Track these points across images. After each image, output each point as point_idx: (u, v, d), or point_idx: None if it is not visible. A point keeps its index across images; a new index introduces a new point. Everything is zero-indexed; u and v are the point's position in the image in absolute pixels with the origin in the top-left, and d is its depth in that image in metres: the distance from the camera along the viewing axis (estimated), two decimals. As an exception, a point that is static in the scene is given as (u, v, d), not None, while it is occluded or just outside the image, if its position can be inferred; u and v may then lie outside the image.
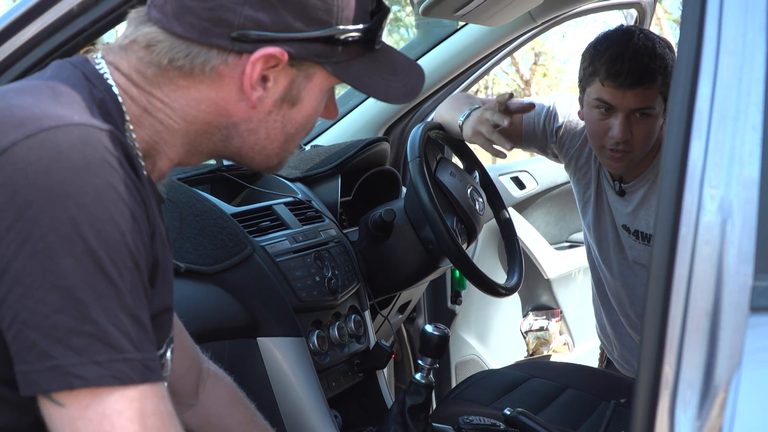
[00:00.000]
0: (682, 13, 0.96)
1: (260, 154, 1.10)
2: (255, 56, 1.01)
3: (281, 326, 1.77)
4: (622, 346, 2.38)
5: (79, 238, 0.87)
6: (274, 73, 1.03)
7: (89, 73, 1.02)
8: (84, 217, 0.87)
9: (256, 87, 1.03)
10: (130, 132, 1.03)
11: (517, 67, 13.10)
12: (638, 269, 2.19)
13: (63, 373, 0.86)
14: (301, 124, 1.09)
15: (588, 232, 2.29)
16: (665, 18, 11.48)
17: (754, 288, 0.88)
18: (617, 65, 1.92)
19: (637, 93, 1.92)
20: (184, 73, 1.02)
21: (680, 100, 0.93)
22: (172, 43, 1.01)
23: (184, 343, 1.33)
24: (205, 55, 1.01)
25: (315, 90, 1.07)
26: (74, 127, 0.91)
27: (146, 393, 0.90)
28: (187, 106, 1.04)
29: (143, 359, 0.90)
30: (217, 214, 1.81)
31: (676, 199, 0.91)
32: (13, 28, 1.38)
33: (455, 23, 2.66)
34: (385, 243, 2.07)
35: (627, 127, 1.95)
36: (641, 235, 2.12)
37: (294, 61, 1.03)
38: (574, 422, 1.99)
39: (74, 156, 0.89)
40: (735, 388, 0.86)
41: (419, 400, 1.66)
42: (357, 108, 2.72)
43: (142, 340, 0.90)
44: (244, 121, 1.06)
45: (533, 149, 2.31)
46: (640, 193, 2.10)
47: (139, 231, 0.92)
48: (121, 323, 0.88)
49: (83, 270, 0.87)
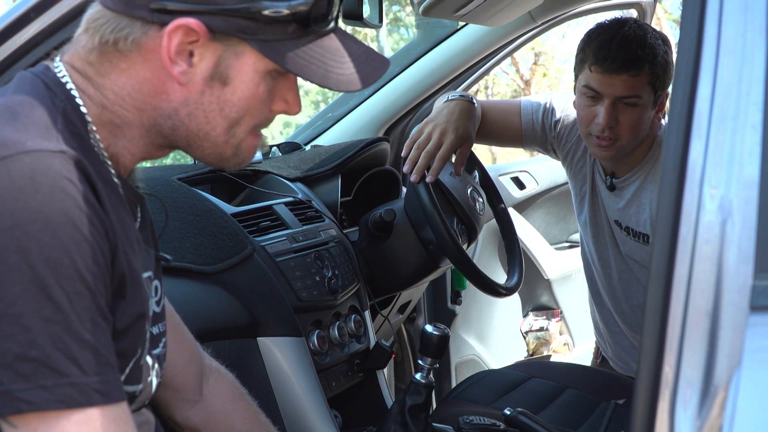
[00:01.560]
0: (682, 13, 0.96)
1: (206, 141, 1.08)
2: (170, 27, 1.00)
3: (281, 326, 1.77)
4: (615, 344, 2.39)
5: (27, 267, 0.89)
6: (198, 48, 1.02)
7: (50, 81, 1.03)
8: (32, 246, 0.90)
9: (176, 61, 1.02)
10: (93, 133, 1.04)
11: (517, 67, 13.10)
12: (632, 263, 2.20)
13: (11, 398, 0.89)
14: (240, 107, 1.06)
15: (584, 228, 2.30)
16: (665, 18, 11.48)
17: (754, 287, 0.88)
18: (604, 51, 1.94)
19: (623, 79, 1.94)
20: (118, 51, 1.03)
21: (680, 100, 0.93)
22: (105, 18, 1.02)
23: (182, 336, 1.34)
24: (129, 28, 1.02)
25: (247, 69, 1.04)
26: (25, 155, 0.92)
27: (94, 416, 0.92)
28: (134, 91, 1.04)
29: (91, 383, 0.92)
30: (218, 214, 1.81)
31: (676, 199, 0.91)
32: (13, 28, 1.38)
33: (455, 23, 2.66)
34: (386, 243, 2.07)
35: (612, 115, 1.96)
36: (632, 231, 2.13)
37: (216, 35, 1.01)
38: (574, 422, 1.99)
39: (25, 185, 0.91)
40: (735, 387, 0.86)
41: (419, 400, 1.66)
42: (357, 108, 2.72)
43: (92, 364, 0.92)
44: (182, 105, 1.05)
45: (535, 147, 2.32)
46: (632, 189, 2.11)
47: (93, 254, 0.93)
48: (67, 348, 0.90)
49: (31, 298, 0.89)
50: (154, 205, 1.31)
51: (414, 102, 2.71)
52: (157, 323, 1.15)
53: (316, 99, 13.12)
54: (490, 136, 2.27)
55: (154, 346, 1.14)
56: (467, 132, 2.02)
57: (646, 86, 1.96)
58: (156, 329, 1.15)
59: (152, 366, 1.13)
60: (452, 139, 1.98)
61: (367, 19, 1.77)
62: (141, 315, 1.05)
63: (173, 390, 1.33)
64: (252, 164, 2.16)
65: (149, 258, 1.15)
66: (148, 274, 1.12)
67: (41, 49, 1.39)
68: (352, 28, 1.10)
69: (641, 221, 2.10)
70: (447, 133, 1.98)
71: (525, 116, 2.24)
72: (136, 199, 1.12)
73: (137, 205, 1.13)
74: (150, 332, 1.11)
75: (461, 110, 2.04)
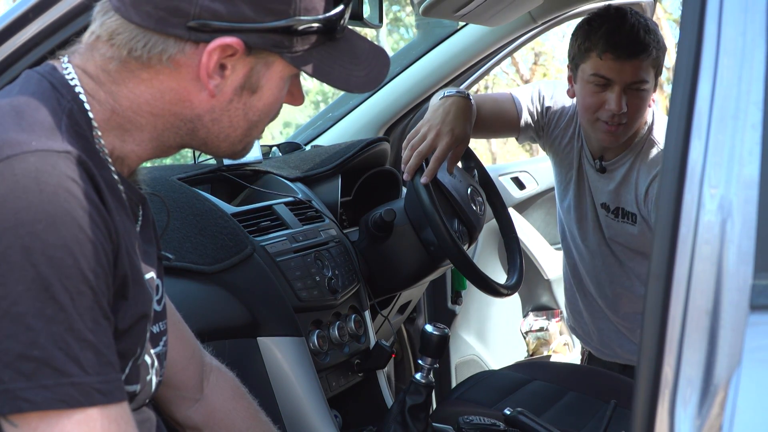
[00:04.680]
0: (682, 13, 0.96)
1: (225, 142, 1.11)
2: (211, 46, 1.01)
3: (281, 326, 1.77)
4: (599, 332, 2.41)
5: (31, 266, 0.89)
6: (231, 61, 1.04)
7: (57, 81, 1.04)
8: (36, 245, 0.90)
9: (213, 76, 1.04)
10: (98, 138, 1.04)
11: (517, 67, 13.10)
12: (615, 247, 2.24)
13: (12, 397, 0.89)
14: (263, 112, 1.10)
15: (567, 214, 2.32)
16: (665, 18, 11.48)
17: (753, 287, 0.88)
18: (615, 37, 1.99)
19: (634, 65, 1.99)
20: (143, 63, 1.03)
21: (680, 99, 0.93)
22: (131, 33, 1.02)
23: (183, 335, 1.34)
24: (162, 45, 1.02)
25: (275, 77, 1.08)
26: (30, 154, 0.93)
27: (94, 416, 0.92)
28: (152, 99, 1.05)
29: (93, 383, 0.92)
30: (218, 214, 1.81)
31: (676, 199, 0.91)
32: (13, 28, 1.38)
33: (455, 23, 2.66)
34: (386, 243, 2.07)
35: (623, 100, 2.01)
36: (621, 212, 2.16)
37: (251, 50, 1.03)
38: (575, 425, 1.98)
39: (29, 185, 0.91)
40: (735, 386, 0.86)
41: (419, 400, 1.66)
42: (357, 108, 2.72)
43: (94, 364, 0.92)
44: (207, 112, 1.07)
45: (530, 135, 2.33)
46: (622, 171, 2.15)
47: (96, 254, 0.94)
48: (69, 348, 0.91)
49: (33, 297, 0.89)
50: (155, 204, 1.31)
51: (414, 102, 2.71)
52: (158, 322, 1.16)
53: (316, 99, 13.12)
54: (486, 128, 2.27)
55: (155, 344, 1.14)
56: (463, 132, 2.02)
57: (651, 70, 2.02)
58: (156, 328, 1.15)
59: (152, 365, 1.13)
60: (447, 140, 1.98)
61: (367, 19, 1.77)
62: (143, 316, 1.05)
63: (174, 388, 1.33)
64: (252, 164, 2.16)
65: (151, 257, 1.15)
66: (150, 275, 1.12)
67: (41, 49, 1.39)
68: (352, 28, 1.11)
69: (629, 201, 2.14)
70: (442, 134, 1.98)
71: (518, 104, 2.27)
72: (139, 199, 1.12)
73: (139, 205, 1.13)
74: (150, 331, 1.11)
75: (457, 109, 2.04)
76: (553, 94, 2.27)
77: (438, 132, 1.98)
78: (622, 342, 2.38)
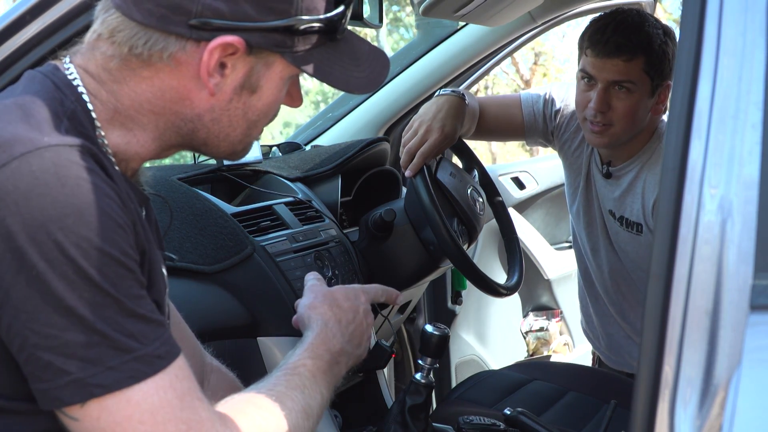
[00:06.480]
0: (682, 13, 0.96)
1: (225, 142, 1.12)
2: (212, 45, 1.02)
3: (281, 326, 1.77)
4: (608, 337, 2.39)
5: (68, 261, 0.91)
6: (232, 60, 1.04)
7: (59, 81, 1.04)
8: (69, 239, 0.91)
9: (213, 74, 1.04)
10: (102, 138, 1.05)
11: (517, 67, 13.10)
12: (622, 255, 2.22)
13: (83, 385, 0.91)
14: (262, 111, 1.11)
15: (576, 218, 2.31)
16: (665, 18, 11.49)
17: (753, 287, 0.88)
18: (599, 35, 1.98)
19: (615, 63, 1.97)
20: (144, 61, 1.04)
21: (680, 100, 0.93)
22: (132, 30, 1.03)
23: (183, 334, 1.34)
24: (163, 42, 1.02)
25: (275, 78, 1.08)
26: (45, 149, 0.93)
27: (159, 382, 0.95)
28: (153, 97, 1.05)
29: (152, 351, 0.95)
30: (218, 214, 1.81)
31: (676, 199, 0.91)
32: (13, 28, 1.38)
33: (455, 23, 2.66)
34: (386, 243, 2.07)
35: (604, 99, 1.99)
36: (626, 221, 2.14)
37: (252, 49, 1.04)
38: (575, 425, 1.99)
39: (50, 180, 0.92)
40: (735, 386, 0.86)
41: (419, 400, 1.65)
42: (357, 108, 2.72)
43: (147, 333, 0.95)
44: (207, 111, 1.07)
45: (537, 139, 2.32)
46: (628, 179, 2.12)
47: (125, 235, 0.95)
48: (123, 327, 0.93)
49: (78, 289, 0.91)
50: (157, 205, 1.32)
51: (414, 102, 2.71)
52: None
53: (316, 99, 13.13)
54: (492, 131, 2.27)
55: None
56: (452, 130, 2.02)
57: (641, 73, 1.98)
58: None
59: None
60: (436, 137, 1.99)
61: (367, 19, 1.77)
62: (157, 305, 1.06)
63: None
64: (252, 164, 2.16)
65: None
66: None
67: (40, 49, 1.39)
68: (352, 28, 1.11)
69: (635, 210, 2.12)
70: (432, 131, 1.99)
71: (526, 108, 2.25)
72: (142, 200, 1.13)
73: (142, 205, 1.14)
74: None
75: (449, 107, 2.05)
76: (564, 97, 2.25)
77: (428, 128, 2.00)
78: (631, 348, 2.35)
